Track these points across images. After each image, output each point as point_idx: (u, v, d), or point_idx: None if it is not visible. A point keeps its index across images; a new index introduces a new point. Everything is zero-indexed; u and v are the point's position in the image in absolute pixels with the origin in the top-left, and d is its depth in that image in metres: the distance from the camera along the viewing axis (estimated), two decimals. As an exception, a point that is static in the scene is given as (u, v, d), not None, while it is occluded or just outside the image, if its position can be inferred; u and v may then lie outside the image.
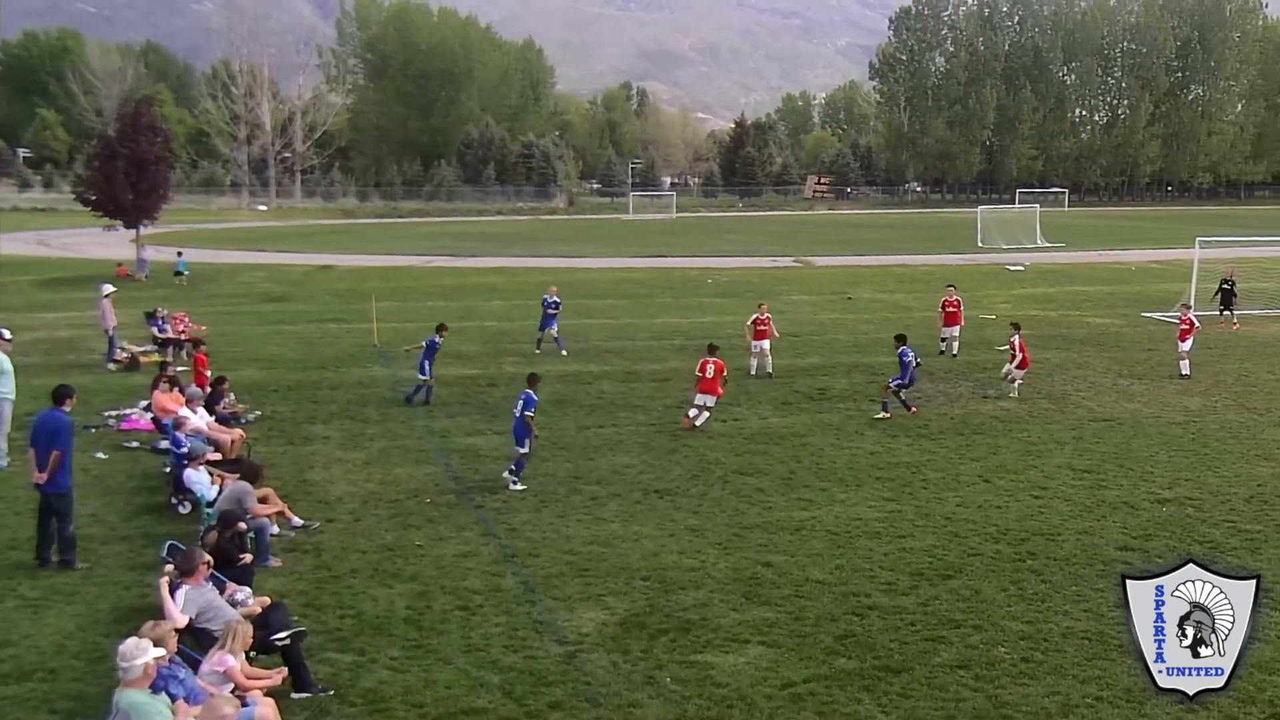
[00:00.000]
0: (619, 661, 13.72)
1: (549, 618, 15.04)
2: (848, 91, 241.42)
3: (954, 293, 36.01)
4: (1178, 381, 31.24)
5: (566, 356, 35.06)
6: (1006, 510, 19.65)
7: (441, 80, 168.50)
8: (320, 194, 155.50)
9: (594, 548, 17.66)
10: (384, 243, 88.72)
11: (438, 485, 21.16)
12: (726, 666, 13.57)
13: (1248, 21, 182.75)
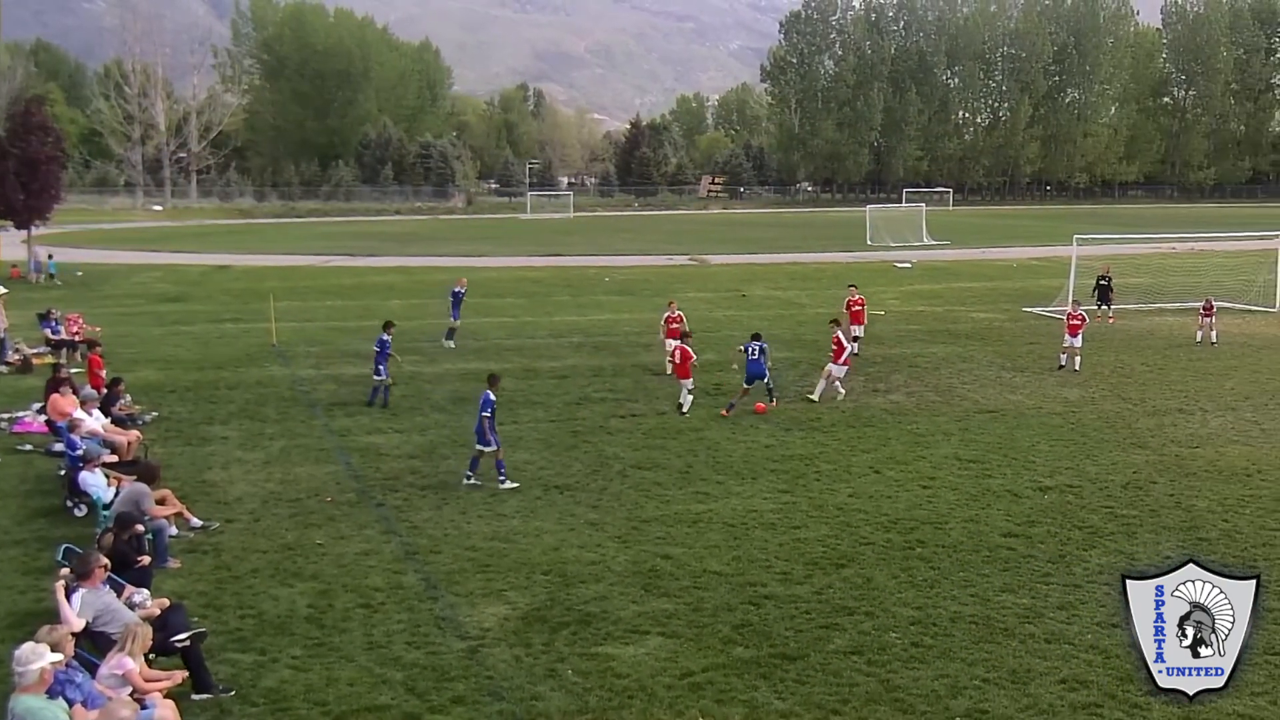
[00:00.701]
0: (521, 655, 13.69)
1: (451, 613, 14.95)
2: (740, 93, 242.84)
3: (856, 292, 36.34)
4: (1058, 374, 31.95)
5: (460, 352, 34.90)
6: (896, 500, 19.96)
7: (338, 81, 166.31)
8: (216, 194, 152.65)
9: (495, 543, 17.59)
10: (281, 243, 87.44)
11: (338, 484, 20.92)
12: (627, 657, 13.61)
13: (1120, 27, 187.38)
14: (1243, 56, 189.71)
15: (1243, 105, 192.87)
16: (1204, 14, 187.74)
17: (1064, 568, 16.58)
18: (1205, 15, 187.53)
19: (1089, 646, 13.88)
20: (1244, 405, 28.03)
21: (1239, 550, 17.31)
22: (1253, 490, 20.62)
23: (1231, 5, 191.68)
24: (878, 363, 33.34)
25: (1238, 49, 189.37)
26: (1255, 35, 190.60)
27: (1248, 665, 13.37)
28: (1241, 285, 46.76)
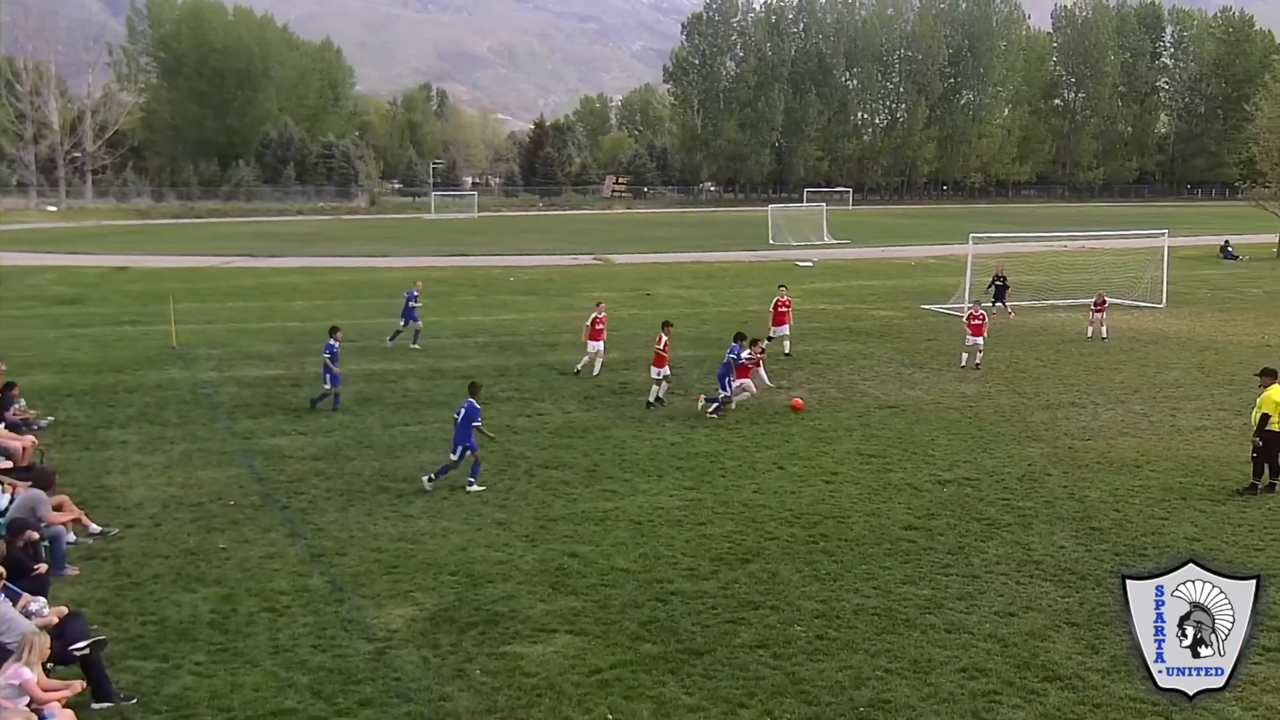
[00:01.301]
0: (429, 656, 13.59)
1: (358, 616, 14.80)
2: (643, 94, 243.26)
3: (785, 293, 36.50)
4: (956, 370, 32.49)
5: (365, 354, 34.54)
6: (800, 495, 20.15)
7: (238, 80, 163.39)
8: (113, 194, 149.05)
9: (402, 544, 17.44)
10: (181, 243, 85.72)
11: (242, 487, 20.59)
12: (535, 656, 13.58)
13: (1012, 31, 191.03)
14: (1129, 60, 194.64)
15: (1129, 107, 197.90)
16: (1092, 19, 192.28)
17: (963, 559, 16.87)
18: (1093, 20, 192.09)
19: (987, 635, 14.15)
20: (1133, 398, 28.76)
21: (1130, 539, 17.76)
22: (1142, 480, 21.17)
23: (1118, 10, 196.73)
24: (780, 360, 33.62)
25: (1124, 53, 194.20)
26: (1141, 39, 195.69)
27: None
28: (1130, 282, 47.94)
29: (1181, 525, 18.49)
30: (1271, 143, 76.44)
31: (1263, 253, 74.20)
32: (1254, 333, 40.28)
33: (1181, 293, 49.53)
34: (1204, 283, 56.67)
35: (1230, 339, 38.71)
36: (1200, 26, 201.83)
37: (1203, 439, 24.53)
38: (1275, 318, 44.15)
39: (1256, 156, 79.51)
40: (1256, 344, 37.49)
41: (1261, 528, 18.37)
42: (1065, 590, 15.68)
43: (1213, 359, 34.80)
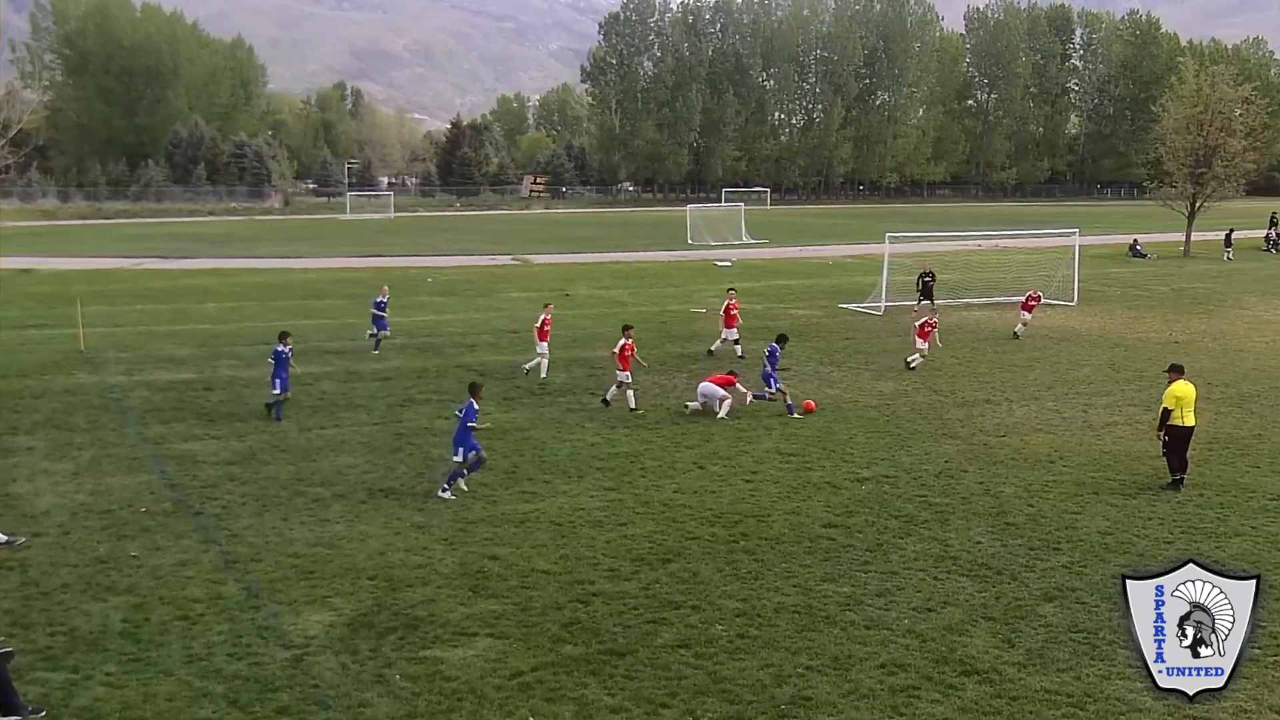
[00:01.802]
0: (347, 662, 13.45)
1: (274, 622, 14.61)
2: (561, 94, 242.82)
3: (734, 296, 36.66)
4: (872, 368, 32.86)
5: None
6: (720, 494, 20.24)
7: (146, 78, 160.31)
8: (17, 195, 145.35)
9: (319, 549, 17.25)
10: (89, 245, 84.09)
11: (153, 494, 20.23)
12: (455, 660, 13.50)
13: (926, 33, 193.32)
14: (1040, 62, 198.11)
15: (1041, 108, 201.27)
16: (1004, 20, 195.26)
17: (881, 556, 17.06)
18: (1004, 22, 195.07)
19: (906, 631, 14.32)
20: (1046, 395, 29.28)
21: (1044, 533, 18.08)
22: (1055, 475, 21.56)
23: (1029, 13, 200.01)
24: (700, 360, 33.75)
25: (1035, 54, 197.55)
26: (1051, 41, 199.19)
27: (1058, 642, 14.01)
28: (1042, 280, 48.75)
29: (1094, 519, 18.86)
30: (1178, 143, 78.08)
31: (1170, 251, 75.87)
32: (1162, 330, 41.21)
33: (1092, 291, 50.52)
34: (1114, 281, 57.85)
35: (1139, 336, 39.55)
36: (1108, 29, 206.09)
37: (1114, 434, 25.04)
38: (1183, 315, 45.20)
39: (1163, 157, 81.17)
40: (1164, 341, 38.35)
41: (1171, 521, 18.79)
42: (982, 585, 15.92)
43: (1123, 356, 35.53)
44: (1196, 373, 27.53)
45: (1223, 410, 27.16)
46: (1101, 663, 13.45)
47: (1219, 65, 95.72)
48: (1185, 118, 78.22)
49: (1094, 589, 15.73)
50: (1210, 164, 76.62)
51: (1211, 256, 74.02)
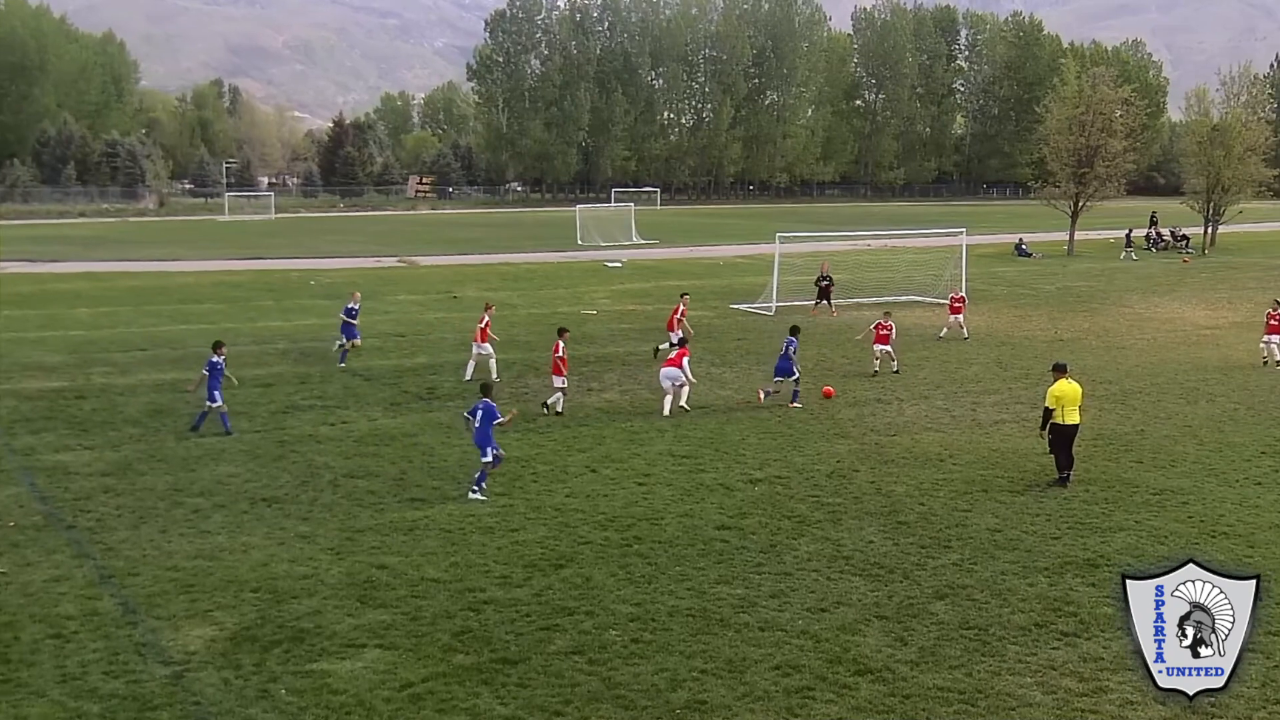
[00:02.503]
0: (230, 678, 13.20)
1: (153, 639, 14.28)
2: (446, 92, 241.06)
3: (688, 301, 37.07)
4: (764, 368, 33.09)
5: (155, 363, 33.39)
6: (613, 498, 20.28)
7: (11, 74, 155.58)
8: None
9: (199, 562, 16.91)
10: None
11: (22, 507, 19.63)
12: (343, 673, 13.33)
13: (814, 33, 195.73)
14: (926, 62, 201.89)
15: (928, 108, 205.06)
16: (890, 21, 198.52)
17: (775, 557, 17.23)
18: (892, 22, 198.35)
19: (800, 632, 14.48)
20: (936, 394, 29.85)
21: (935, 531, 18.43)
22: (945, 474, 21.99)
23: (915, 13, 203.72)
24: (591, 362, 33.78)
25: (922, 55, 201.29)
26: (937, 42, 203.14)
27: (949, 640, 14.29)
28: (931, 279, 49.68)
29: (983, 517, 19.26)
30: (1061, 144, 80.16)
31: (1054, 250, 77.80)
32: (1047, 328, 42.27)
33: (980, 290, 51.58)
34: (1000, 280, 59.17)
35: (1026, 334, 40.51)
36: (993, 30, 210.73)
37: (1002, 432, 25.62)
38: (1067, 313, 46.41)
39: (1047, 157, 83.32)
40: (1050, 339, 39.35)
41: (1058, 517, 19.27)
42: (874, 584, 16.16)
43: (1010, 354, 36.36)
44: (1081, 370, 28.33)
45: (1106, 407, 27.93)
46: (992, 659, 13.74)
47: (1099, 67, 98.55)
48: (1068, 118, 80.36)
49: (984, 586, 16.07)
50: (1092, 164, 78.80)
51: (1094, 255, 76.15)
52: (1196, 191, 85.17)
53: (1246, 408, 28.46)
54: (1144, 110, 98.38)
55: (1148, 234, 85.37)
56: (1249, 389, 30.91)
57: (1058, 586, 16.09)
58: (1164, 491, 20.92)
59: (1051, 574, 16.57)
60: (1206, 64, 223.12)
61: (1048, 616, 15.00)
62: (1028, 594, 15.79)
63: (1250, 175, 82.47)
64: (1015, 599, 15.60)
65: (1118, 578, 16.12)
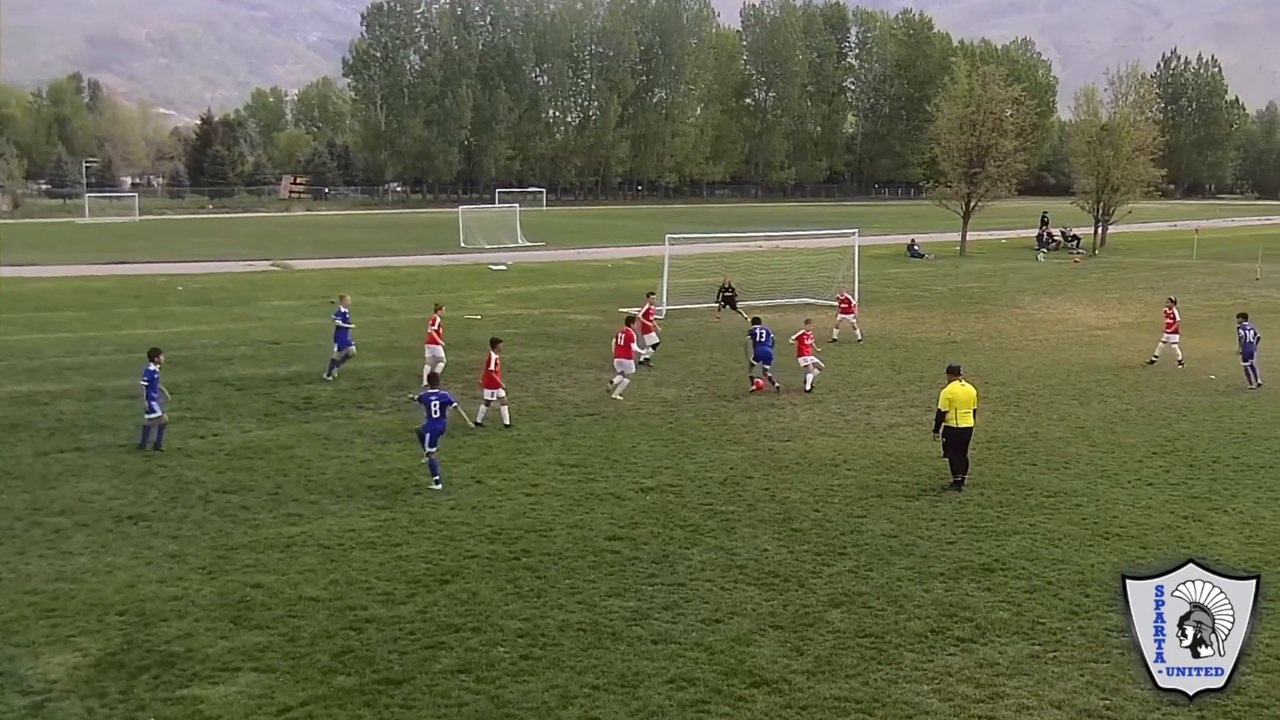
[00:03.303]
0: (95, 707, 12.88)
1: (10, 667, 13.88)
2: (321, 88, 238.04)
3: (652, 301, 37.79)
4: (654, 373, 33.29)
5: (9, 373, 32.45)
6: (500, 510, 20.18)
7: None
8: None
9: (60, 584, 16.46)
10: None
11: None
12: (216, 698, 13.08)
13: (703, 29, 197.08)
14: (816, 60, 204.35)
15: (818, 107, 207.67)
16: (780, 18, 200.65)
17: (668, 567, 17.29)
18: (781, 19, 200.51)
19: (694, 644, 14.55)
20: (830, 398, 30.22)
21: (830, 538, 18.65)
22: (840, 480, 22.27)
23: (805, 10, 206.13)
24: (476, 369, 33.56)
25: (812, 52, 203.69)
26: (827, 40, 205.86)
27: (845, 649, 14.45)
28: (823, 281, 50.27)
29: (879, 522, 19.55)
30: (952, 143, 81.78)
31: (947, 251, 79.33)
32: (941, 330, 43.08)
33: (873, 291, 52.37)
34: (893, 281, 60.15)
35: (919, 336, 41.22)
36: (883, 28, 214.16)
37: (896, 436, 26.03)
38: (960, 315, 47.33)
39: (938, 157, 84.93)
40: (943, 341, 40.11)
41: (953, 521, 19.64)
42: (769, 593, 16.30)
43: (903, 356, 36.97)
44: (974, 372, 28.93)
45: (1000, 409, 28.53)
46: (889, 667, 13.95)
47: (990, 66, 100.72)
48: (958, 117, 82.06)
49: (880, 592, 16.31)
50: (983, 163, 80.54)
51: (987, 256, 77.79)
52: (1086, 191, 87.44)
53: (1138, 408, 29.29)
54: (1034, 109, 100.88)
55: (1039, 234, 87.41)
56: (1140, 389, 31.82)
57: (953, 592, 16.40)
58: (1058, 494, 21.45)
59: (947, 579, 16.88)
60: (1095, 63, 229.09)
61: (944, 622, 15.27)
62: (923, 600, 16.06)
63: (1139, 175, 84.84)
64: (911, 605, 15.86)
65: (1013, 581, 16.68)
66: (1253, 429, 27.00)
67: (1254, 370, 32.37)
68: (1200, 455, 24.49)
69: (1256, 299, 53.53)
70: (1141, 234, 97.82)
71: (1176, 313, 35.63)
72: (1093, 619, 15.42)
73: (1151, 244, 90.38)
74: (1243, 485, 22.16)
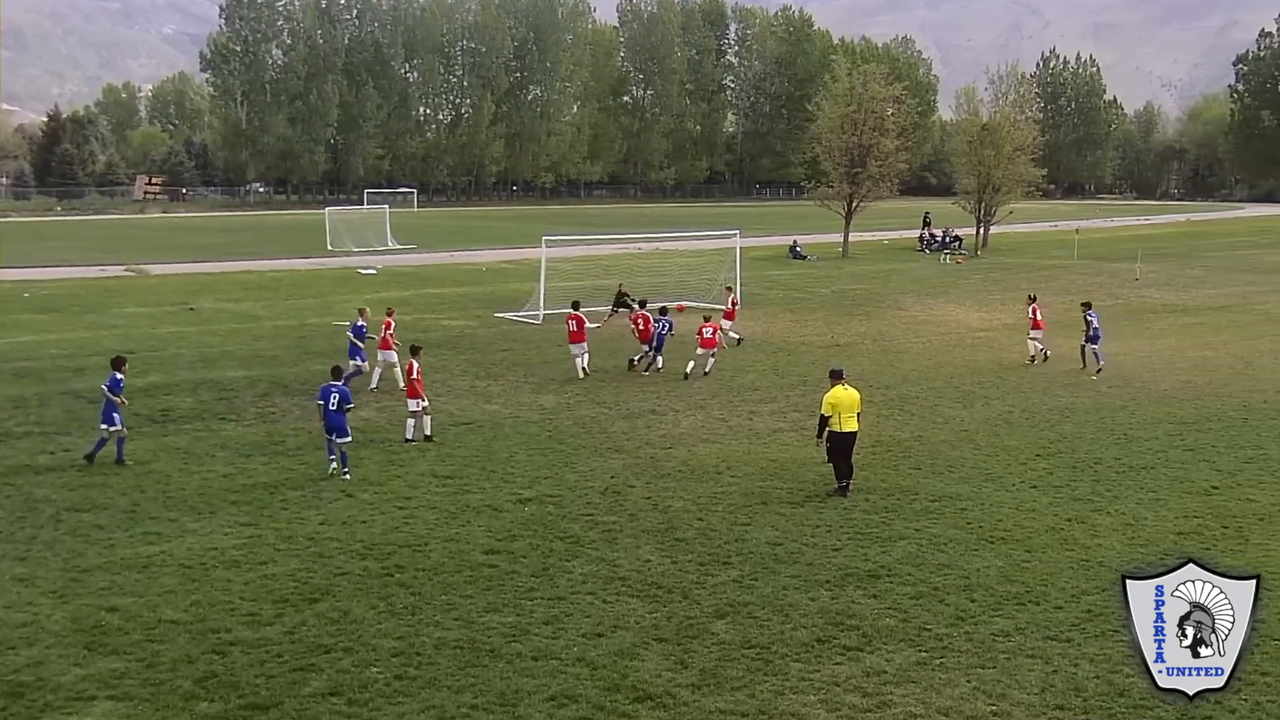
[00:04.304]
0: (-65, 743, 12.49)
1: None
2: (177, 84, 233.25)
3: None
4: (532, 380, 33.27)
5: None
6: (372, 524, 19.97)
7: None
8: None
9: (-103, 613, 15.93)
10: None
11: None
12: (70, 730, 12.76)
13: (578, 25, 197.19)
14: (695, 57, 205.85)
15: (698, 105, 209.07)
16: (658, 14, 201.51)
17: (548, 581, 17.26)
18: (659, 15, 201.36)
19: (576, 659, 14.54)
20: (712, 404, 30.43)
21: (714, 548, 18.77)
22: (723, 487, 22.44)
23: (683, 6, 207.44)
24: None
25: (691, 50, 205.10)
26: (706, 36, 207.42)
27: (731, 660, 14.56)
28: (705, 283, 50.60)
29: (763, 530, 19.73)
30: (833, 143, 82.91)
31: (829, 252, 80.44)
32: (824, 332, 43.66)
33: (755, 294, 52.86)
34: (776, 283, 60.81)
35: (802, 340, 41.72)
36: (763, 24, 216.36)
37: (780, 442, 26.31)
38: (843, 317, 48.02)
39: (820, 156, 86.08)
40: (827, 344, 40.64)
41: (839, 528, 19.90)
42: (652, 605, 16.36)
43: (786, 360, 37.39)
44: (858, 375, 29.39)
45: (884, 413, 29.00)
46: (775, 678, 14.08)
47: (870, 64, 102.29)
48: (839, 116, 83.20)
49: (765, 602, 16.46)
50: (865, 163, 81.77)
51: (869, 257, 79.04)
52: (968, 192, 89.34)
53: (1021, 410, 29.98)
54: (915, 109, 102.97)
55: (920, 235, 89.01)
56: (1023, 391, 32.58)
57: (839, 600, 16.61)
58: (942, 498, 21.86)
59: (833, 587, 17.09)
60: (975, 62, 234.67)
61: (830, 631, 15.46)
62: (809, 609, 16.25)
63: (1020, 175, 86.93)
64: (797, 614, 16.03)
65: (899, 588, 16.96)
66: (1134, 430, 27.81)
67: (1098, 355, 35.11)
68: (1083, 457, 25.17)
69: (1136, 299, 55.20)
70: (1023, 234, 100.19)
71: (1038, 309, 37.06)
72: (979, 624, 15.74)
73: (1033, 244, 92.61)
74: (1125, 486, 22.81)
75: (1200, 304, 54.01)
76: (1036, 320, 36.74)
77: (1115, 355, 36.24)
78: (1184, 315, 49.71)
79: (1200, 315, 49.81)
